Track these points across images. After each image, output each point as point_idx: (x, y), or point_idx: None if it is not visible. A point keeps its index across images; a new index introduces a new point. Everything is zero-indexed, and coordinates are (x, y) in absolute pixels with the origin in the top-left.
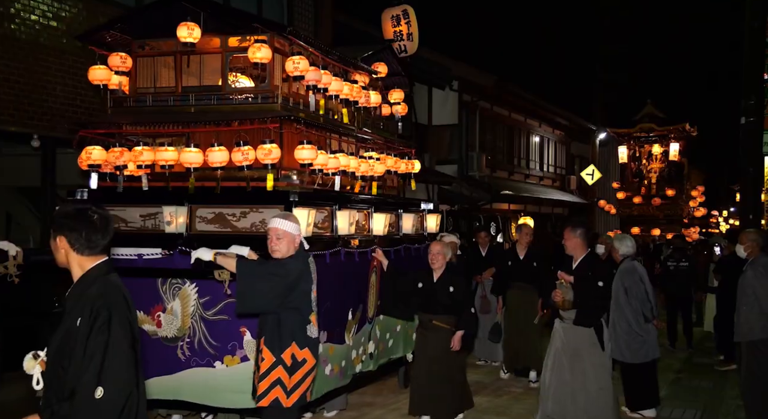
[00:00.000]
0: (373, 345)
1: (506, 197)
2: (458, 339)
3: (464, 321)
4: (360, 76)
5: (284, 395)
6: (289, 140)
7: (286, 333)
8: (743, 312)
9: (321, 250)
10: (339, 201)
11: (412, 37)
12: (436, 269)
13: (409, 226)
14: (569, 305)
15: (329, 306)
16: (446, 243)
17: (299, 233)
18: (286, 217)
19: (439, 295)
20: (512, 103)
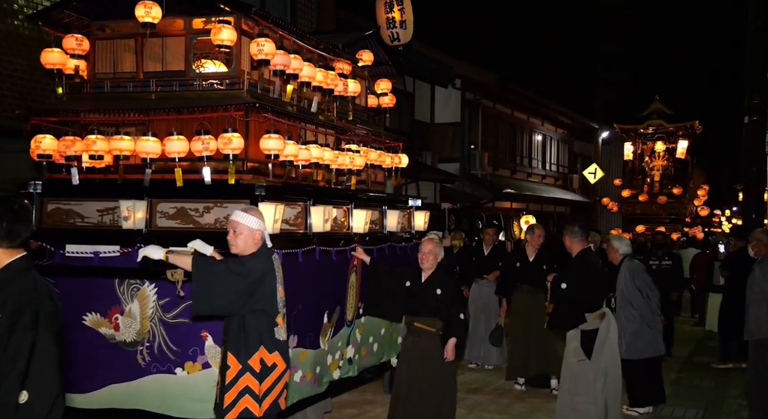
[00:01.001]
0: (352, 350)
1: (508, 196)
2: (452, 347)
3: (455, 329)
4: (342, 65)
5: (255, 404)
6: (258, 130)
7: (252, 336)
8: (751, 311)
9: (293, 248)
10: (314, 196)
11: (406, 24)
12: (425, 269)
13: (395, 223)
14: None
15: (301, 309)
16: (438, 242)
17: (260, 229)
18: (248, 210)
19: (426, 296)
20: (515, 102)
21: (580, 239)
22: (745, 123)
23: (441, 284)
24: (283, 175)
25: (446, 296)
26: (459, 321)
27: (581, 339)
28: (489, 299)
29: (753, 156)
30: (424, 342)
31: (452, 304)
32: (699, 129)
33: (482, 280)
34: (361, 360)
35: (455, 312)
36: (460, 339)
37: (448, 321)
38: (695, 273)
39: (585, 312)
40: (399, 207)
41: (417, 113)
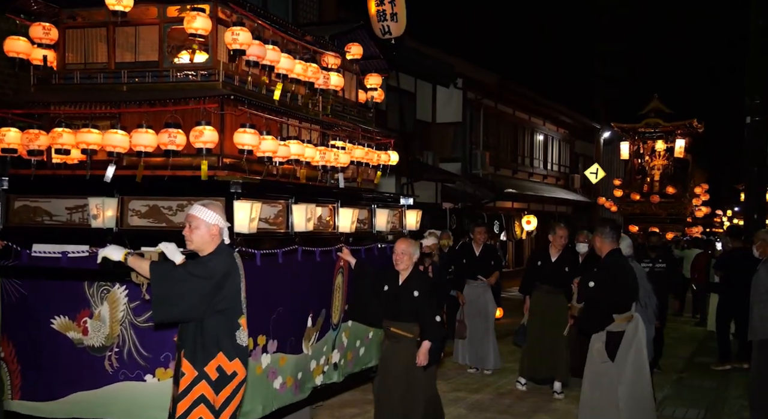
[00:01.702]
0: (338, 354)
1: (510, 196)
2: (425, 351)
3: (429, 331)
4: (329, 58)
5: (211, 415)
6: (235, 124)
7: (210, 341)
8: (756, 311)
9: (273, 248)
10: (296, 194)
11: (397, 17)
12: (401, 270)
13: (384, 223)
14: (576, 311)
15: (282, 312)
16: (413, 241)
17: (217, 223)
18: (207, 205)
19: (404, 300)
20: (516, 102)
21: (611, 240)
22: (747, 123)
23: (418, 285)
24: (263, 172)
25: (423, 298)
26: (435, 323)
27: (606, 341)
28: (483, 300)
29: (755, 156)
30: (402, 348)
31: (428, 306)
32: (699, 128)
33: (474, 281)
34: (346, 365)
35: (431, 314)
36: (435, 342)
37: (424, 324)
38: (696, 273)
39: (613, 313)
40: (389, 206)
41: (419, 113)
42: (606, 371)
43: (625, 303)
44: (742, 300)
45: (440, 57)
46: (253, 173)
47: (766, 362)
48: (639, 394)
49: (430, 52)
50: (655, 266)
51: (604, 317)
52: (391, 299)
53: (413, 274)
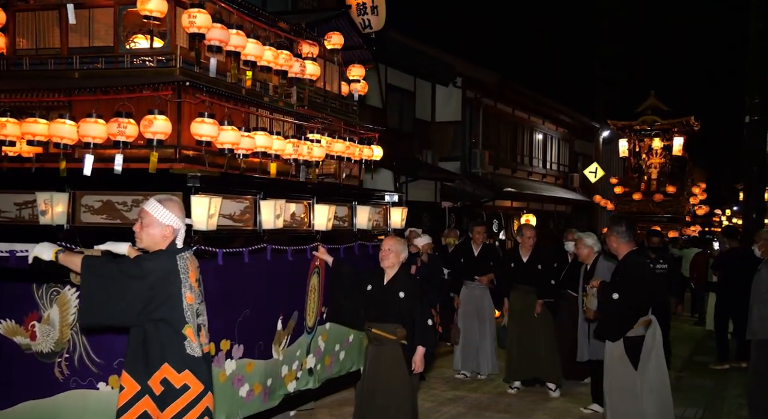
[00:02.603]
0: (314, 359)
1: (509, 195)
2: (420, 357)
3: (421, 336)
4: (306, 46)
5: None
6: (194, 114)
7: (154, 352)
8: (756, 310)
9: (237, 247)
10: (264, 189)
11: (378, 10)
12: (386, 268)
13: (365, 220)
14: (593, 315)
15: (248, 315)
16: (401, 239)
17: (171, 224)
18: (164, 201)
19: (388, 300)
20: (516, 101)
21: (627, 239)
22: (746, 123)
23: (404, 286)
24: (233, 165)
25: (410, 299)
26: (426, 327)
27: (626, 347)
28: (481, 303)
29: (754, 156)
30: (385, 352)
31: (417, 308)
32: (696, 125)
33: (472, 282)
34: (324, 371)
35: (421, 318)
36: (430, 347)
37: (413, 327)
38: (695, 273)
39: (638, 318)
40: (372, 203)
41: (418, 112)
42: (629, 379)
43: (646, 307)
44: (740, 300)
45: (440, 56)
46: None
47: (764, 361)
48: (665, 400)
49: (430, 51)
50: (655, 267)
51: (627, 323)
52: (374, 299)
53: (400, 274)
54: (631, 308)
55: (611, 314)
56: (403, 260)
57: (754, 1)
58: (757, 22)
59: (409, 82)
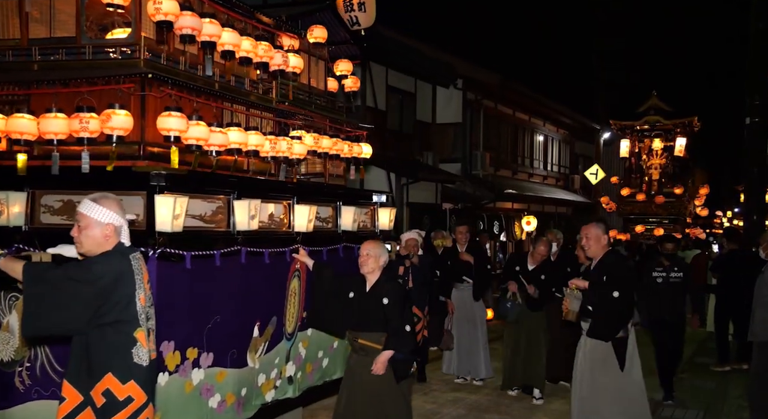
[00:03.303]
0: (294, 367)
1: (510, 196)
2: (383, 360)
3: (394, 340)
4: (287, 39)
5: None
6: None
7: (97, 359)
8: (759, 312)
9: (208, 249)
10: (239, 188)
11: (365, 7)
12: (367, 274)
13: (350, 221)
14: (573, 316)
15: (219, 321)
16: (379, 242)
17: (111, 222)
18: (99, 200)
19: (372, 308)
20: (516, 102)
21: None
22: (747, 124)
23: (388, 292)
24: (195, 163)
25: (393, 305)
26: (404, 333)
27: (615, 348)
28: (471, 306)
29: (754, 157)
30: (369, 363)
31: (399, 314)
32: (698, 126)
33: (461, 284)
34: (305, 379)
35: (401, 323)
36: (402, 353)
37: (390, 331)
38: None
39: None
40: (358, 203)
41: (419, 113)
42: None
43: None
44: (740, 302)
45: (440, 57)
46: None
47: (765, 363)
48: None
49: (430, 52)
50: (669, 275)
51: (624, 322)
52: (357, 307)
53: (382, 279)
54: (629, 306)
55: (611, 313)
56: (384, 264)
57: (754, 1)
58: (757, 22)
59: (410, 83)
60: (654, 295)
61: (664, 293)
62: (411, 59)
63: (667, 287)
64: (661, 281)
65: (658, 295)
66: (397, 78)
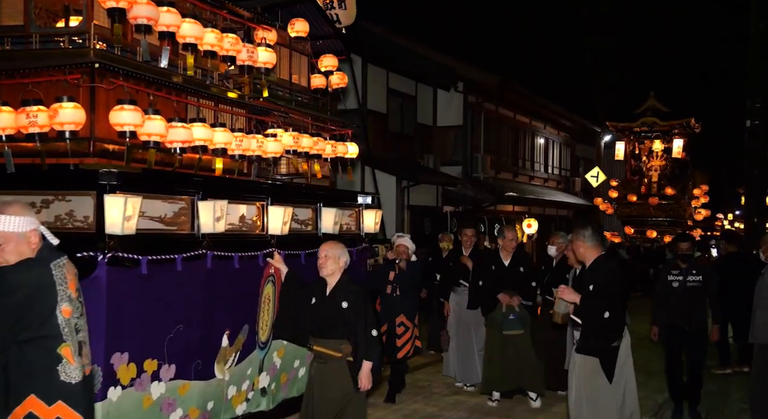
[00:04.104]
0: (267, 378)
1: (511, 199)
2: (366, 373)
3: (366, 349)
4: (262, 32)
5: None
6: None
7: (17, 381)
8: (759, 314)
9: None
10: (203, 188)
11: (345, 4)
12: (326, 277)
13: (331, 224)
14: (561, 319)
15: (181, 330)
16: (338, 244)
17: (32, 227)
18: (6, 209)
19: (331, 313)
20: (517, 105)
21: (594, 244)
22: (747, 126)
23: (347, 295)
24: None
25: (353, 309)
26: (372, 338)
27: (602, 361)
28: (468, 310)
29: (755, 159)
30: (331, 371)
31: (362, 318)
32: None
33: (460, 287)
34: (279, 390)
35: (365, 328)
36: (376, 361)
37: (357, 339)
38: None
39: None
40: (341, 205)
41: (419, 116)
42: (603, 392)
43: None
44: (739, 304)
45: (441, 60)
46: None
47: (766, 365)
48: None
49: (431, 55)
50: (687, 279)
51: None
52: (316, 312)
53: (343, 281)
54: (619, 320)
55: (600, 328)
56: (345, 266)
57: (754, 1)
58: (757, 22)
59: (411, 86)
60: (669, 301)
61: (681, 299)
62: (412, 62)
63: (685, 292)
64: (677, 286)
65: (674, 301)
66: (397, 81)
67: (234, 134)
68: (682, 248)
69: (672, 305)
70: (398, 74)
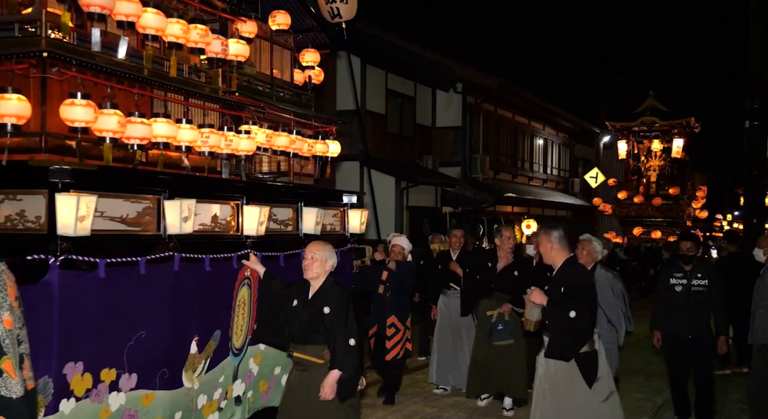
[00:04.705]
0: (243, 386)
1: (510, 200)
2: (331, 383)
3: (339, 358)
4: (240, 24)
5: None
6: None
7: None
8: (759, 315)
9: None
10: (170, 187)
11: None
12: (311, 279)
13: (312, 224)
14: (534, 326)
15: (144, 337)
16: (326, 245)
17: None
18: None
19: (313, 318)
20: (516, 106)
21: (563, 245)
22: (746, 128)
23: (330, 300)
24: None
25: (335, 315)
26: (348, 348)
27: (580, 366)
28: (456, 313)
29: (754, 160)
30: (311, 378)
31: (341, 325)
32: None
33: (449, 290)
34: (257, 399)
35: (344, 336)
36: (347, 371)
37: (335, 347)
38: None
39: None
40: (325, 204)
41: (418, 117)
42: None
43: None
44: (739, 305)
45: (440, 61)
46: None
47: (765, 366)
48: None
49: (430, 56)
50: (691, 283)
51: (584, 340)
52: (297, 316)
53: (327, 284)
54: (589, 323)
55: (568, 332)
56: (331, 269)
57: (753, 2)
58: (758, 24)
59: (410, 87)
60: (674, 308)
61: (684, 305)
62: (410, 63)
63: (688, 298)
64: (680, 290)
65: (677, 307)
66: (396, 82)
67: (201, 131)
68: (684, 249)
69: (674, 312)
70: (397, 75)
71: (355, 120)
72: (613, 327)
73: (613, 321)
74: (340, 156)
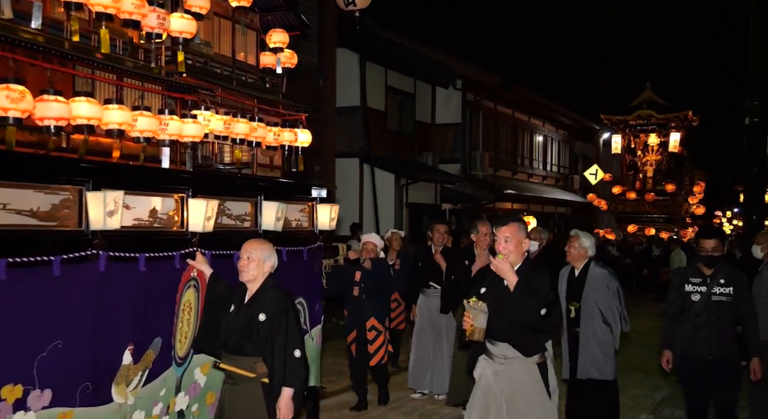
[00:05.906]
0: (186, 398)
1: (509, 197)
2: (286, 403)
3: (286, 372)
4: (193, 1)
5: None
6: None
7: None
8: (758, 312)
9: (42, 254)
10: (94, 177)
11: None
12: (247, 282)
13: (272, 219)
14: (480, 335)
15: (60, 347)
16: (265, 243)
17: None
18: None
19: (247, 326)
20: (516, 103)
21: None
22: (746, 124)
23: (266, 305)
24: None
25: (271, 322)
26: (293, 360)
27: (542, 373)
28: (436, 314)
29: (754, 157)
30: (241, 393)
31: (282, 335)
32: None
33: (428, 289)
34: (203, 412)
35: (285, 347)
36: (296, 386)
37: (274, 360)
38: None
39: None
40: (290, 198)
41: (418, 114)
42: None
43: None
44: None
45: (440, 58)
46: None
47: (765, 364)
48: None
49: (429, 53)
50: (712, 290)
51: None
52: (232, 324)
53: (263, 290)
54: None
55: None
56: (270, 270)
57: (753, 2)
58: (757, 24)
59: (410, 84)
60: (686, 321)
61: (703, 319)
62: (410, 60)
63: (708, 309)
64: (698, 300)
65: (693, 321)
66: (396, 78)
67: (133, 113)
68: (708, 248)
69: (690, 326)
70: (397, 72)
71: (355, 117)
72: (609, 327)
73: (609, 320)
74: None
